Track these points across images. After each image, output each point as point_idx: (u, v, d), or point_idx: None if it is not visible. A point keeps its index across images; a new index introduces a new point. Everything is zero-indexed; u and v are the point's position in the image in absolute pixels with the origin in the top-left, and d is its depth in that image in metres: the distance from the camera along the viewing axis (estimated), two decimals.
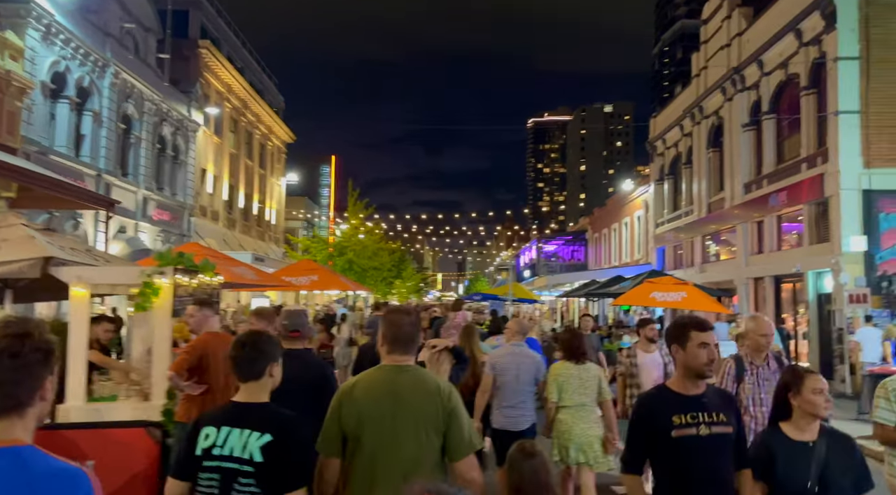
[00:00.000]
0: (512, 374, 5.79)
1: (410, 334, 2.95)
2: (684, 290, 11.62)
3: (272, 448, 2.54)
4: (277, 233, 41.24)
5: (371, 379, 2.89)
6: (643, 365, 6.75)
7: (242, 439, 2.57)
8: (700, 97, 24.27)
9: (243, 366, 2.75)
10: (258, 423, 2.60)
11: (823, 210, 16.71)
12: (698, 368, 2.98)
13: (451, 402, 2.82)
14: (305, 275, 11.22)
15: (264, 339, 2.87)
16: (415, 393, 2.80)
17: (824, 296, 16.57)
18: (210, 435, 2.62)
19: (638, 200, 33.11)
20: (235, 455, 2.56)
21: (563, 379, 5.63)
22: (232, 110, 32.83)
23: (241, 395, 2.75)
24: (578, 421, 5.53)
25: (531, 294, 27.28)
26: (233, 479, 2.54)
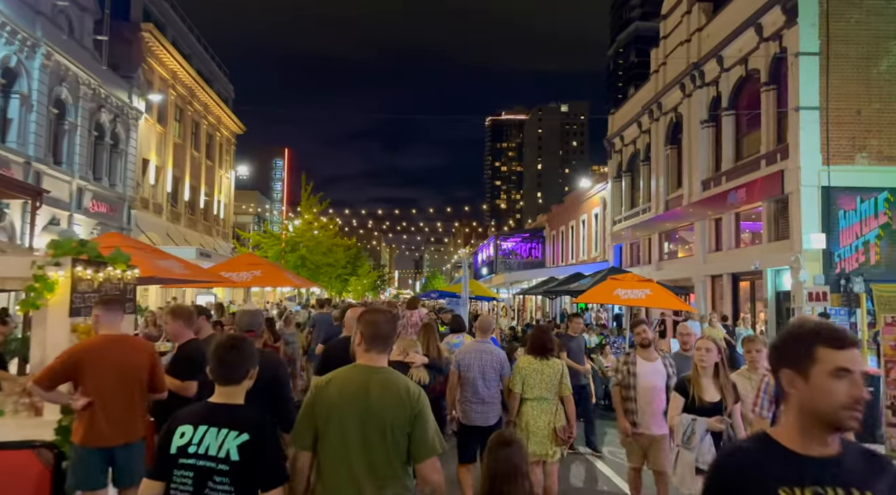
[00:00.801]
0: (477, 371, 5.95)
1: (387, 333, 3.01)
2: (648, 288, 11.15)
3: (249, 447, 2.59)
4: (226, 227, 39.72)
5: (345, 377, 2.95)
6: (642, 375, 5.83)
7: (219, 438, 2.61)
8: (659, 93, 24.09)
9: (227, 368, 2.78)
10: (236, 423, 2.64)
11: (783, 207, 16.58)
12: (832, 414, 1.77)
13: (419, 405, 2.87)
14: (247, 271, 10.28)
15: (248, 344, 2.90)
16: (384, 393, 2.85)
17: (783, 294, 16.45)
18: (186, 434, 2.64)
19: (595, 197, 32.94)
20: (211, 454, 2.59)
21: (526, 373, 5.80)
22: (177, 98, 31.30)
23: (218, 397, 2.78)
24: (541, 414, 5.72)
25: (489, 291, 26.73)
26: (207, 478, 2.57)
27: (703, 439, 4.49)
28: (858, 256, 15.26)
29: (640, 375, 5.81)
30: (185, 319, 5.06)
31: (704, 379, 4.84)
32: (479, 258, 57.07)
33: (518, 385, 5.80)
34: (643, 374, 5.81)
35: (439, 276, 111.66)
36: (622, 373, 5.96)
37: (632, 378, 5.86)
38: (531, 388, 5.76)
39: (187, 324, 5.06)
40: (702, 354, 4.85)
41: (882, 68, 15.38)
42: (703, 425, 4.55)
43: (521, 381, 5.80)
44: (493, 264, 47.61)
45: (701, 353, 4.87)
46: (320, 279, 38.31)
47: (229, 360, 2.80)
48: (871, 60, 15.38)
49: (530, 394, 5.76)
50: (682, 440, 4.60)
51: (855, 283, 14.98)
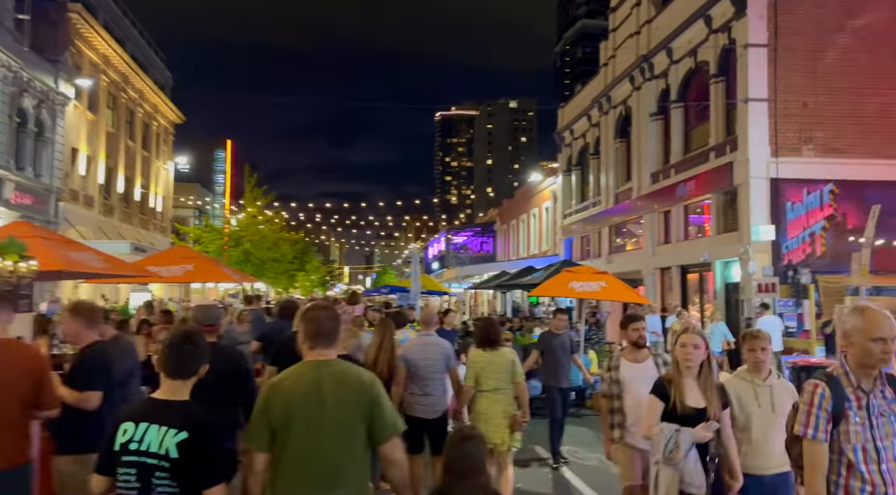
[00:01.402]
0: (423, 363, 5.96)
1: (330, 329, 3.03)
2: (603, 280, 10.85)
3: (188, 445, 2.60)
4: (164, 221, 38.00)
5: (296, 374, 2.97)
6: (629, 381, 4.91)
7: (160, 435, 2.61)
8: (608, 86, 24.02)
9: (178, 363, 2.77)
10: (176, 420, 2.64)
11: (731, 199, 16.62)
12: None
13: (374, 391, 2.95)
14: (178, 265, 9.42)
15: (201, 337, 2.89)
16: (339, 385, 2.90)
17: (732, 286, 16.50)
18: (128, 431, 2.66)
19: (546, 191, 32.85)
20: (152, 450, 2.60)
21: (479, 366, 5.82)
22: (110, 85, 29.61)
23: (163, 392, 2.77)
24: (495, 404, 5.73)
25: (441, 286, 26.25)
26: (150, 474, 2.60)
27: (688, 453, 3.70)
28: (805, 248, 15.40)
29: (627, 382, 4.92)
30: (87, 318, 4.34)
31: (688, 381, 3.94)
32: (430, 253, 56.59)
33: (472, 379, 5.82)
34: (630, 380, 4.91)
35: (390, 272, 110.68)
36: (606, 381, 5.07)
37: (616, 386, 4.93)
38: (486, 380, 5.79)
39: (89, 324, 4.33)
40: (688, 352, 3.94)
41: (828, 61, 15.54)
42: (689, 437, 3.73)
43: (474, 375, 5.82)
44: (444, 259, 47.19)
45: (686, 351, 3.95)
46: (266, 275, 37.08)
47: (184, 355, 2.77)
48: (818, 53, 15.52)
49: (486, 386, 5.78)
50: (663, 454, 3.74)
51: (802, 275, 15.11)
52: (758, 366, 4.12)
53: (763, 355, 4.09)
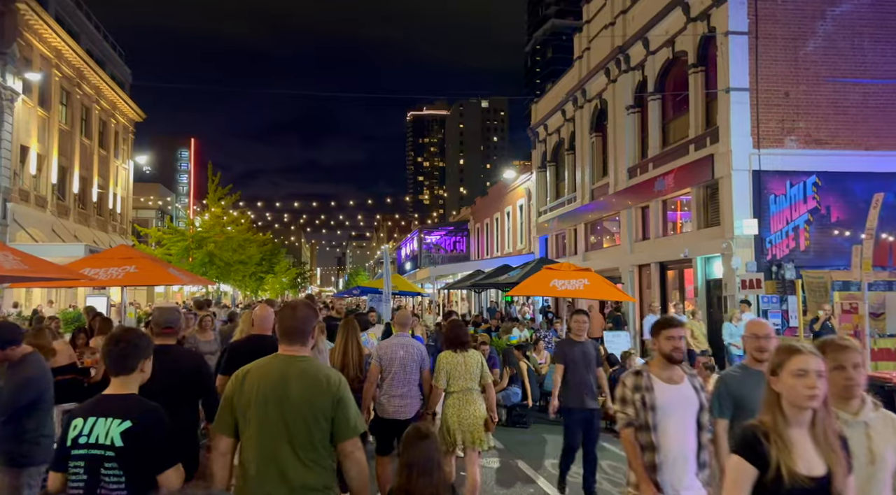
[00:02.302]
0: (398, 364, 5.95)
1: (296, 327, 3.08)
2: (586, 277, 10.16)
3: (132, 433, 2.69)
4: (124, 223, 36.51)
5: (265, 366, 3.03)
6: (666, 408, 3.61)
7: (106, 426, 2.71)
8: (583, 80, 23.45)
9: (116, 360, 2.88)
10: (120, 411, 2.75)
11: (712, 193, 16.11)
12: None
13: (339, 391, 2.99)
14: (119, 266, 8.45)
15: (137, 336, 3.01)
16: (304, 381, 2.95)
17: (713, 282, 15.99)
18: (77, 426, 2.74)
19: (520, 189, 32.23)
20: (99, 442, 2.69)
21: (450, 367, 5.84)
22: (63, 80, 28.16)
23: (112, 388, 2.88)
24: (466, 405, 5.78)
25: (413, 286, 25.42)
26: (98, 465, 2.68)
27: None
28: (789, 242, 14.94)
29: (663, 409, 3.60)
30: None
31: (795, 431, 2.41)
32: (403, 253, 55.69)
33: (442, 380, 5.85)
34: (668, 407, 3.61)
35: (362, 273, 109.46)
36: (633, 406, 3.67)
37: (650, 414, 3.61)
38: (455, 381, 5.84)
39: None
40: (811, 385, 2.37)
41: (808, 49, 15.11)
42: None
43: (445, 376, 5.85)
44: (417, 259, 46.35)
45: (809, 383, 2.38)
46: (232, 277, 35.83)
47: (116, 352, 2.88)
48: (799, 41, 15.08)
49: (455, 387, 5.83)
50: None
51: (786, 270, 14.64)
52: (848, 391, 2.68)
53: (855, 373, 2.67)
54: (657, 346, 3.77)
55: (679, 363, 3.73)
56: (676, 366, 3.73)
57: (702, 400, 3.71)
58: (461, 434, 5.73)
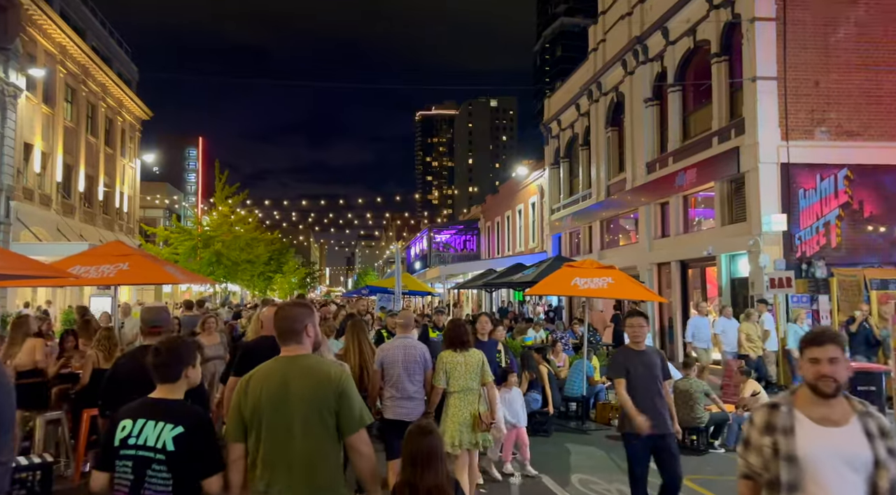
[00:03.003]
0: (401, 366, 5.88)
1: (287, 327, 3.13)
2: (610, 275, 9.50)
3: (184, 439, 2.79)
4: (131, 222, 36.11)
5: (266, 370, 3.08)
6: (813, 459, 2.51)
7: (156, 430, 2.80)
8: (598, 72, 22.74)
9: (161, 370, 3.00)
10: (172, 416, 2.85)
11: (737, 187, 15.39)
12: None
13: (342, 385, 3.01)
14: (111, 264, 7.90)
15: (181, 345, 3.12)
16: (306, 379, 3.00)
17: (739, 281, 15.27)
18: (126, 427, 2.84)
19: (532, 186, 31.55)
20: (149, 444, 2.79)
21: (450, 367, 5.81)
22: (68, 76, 27.74)
23: (159, 393, 2.98)
24: (467, 405, 5.74)
25: (424, 285, 24.83)
26: (146, 466, 2.77)
27: None
28: (819, 238, 14.20)
29: (808, 462, 2.51)
30: None
31: None
32: (413, 252, 55.11)
33: (441, 380, 5.80)
34: (816, 459, 2.51)
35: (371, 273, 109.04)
36: (760, 453, 2.63)
37: (785, 467, 2.53)
38: (456, 381, 5.79)
39: None
40: None
41: (840, 36, 14.36)
42: None
43: (444, 376, 5.81)
44: (426, 258, 45.76)
45: None
46: (239, 277, 35.36)
47: (158, 363, 3.00)
48: (829, 27, 14.34)
49: (456, 387, 5.78)
50: None
51: (817, 268, 13.92)
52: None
53: None
54: (801, 370, 2.68)
55: (832, 396, 2.57)
56: (836, 400, 2.59)
57: (879, 453, 2.50)
58: (461, 435, 5.69)
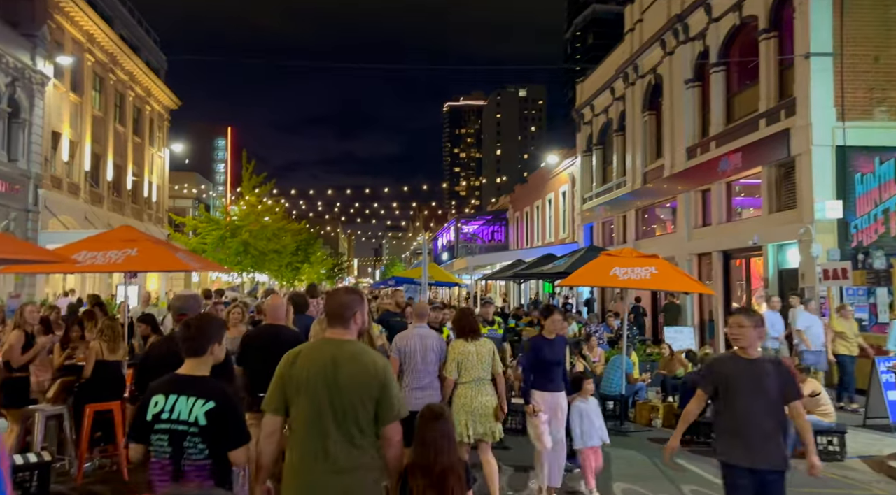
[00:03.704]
0: (419, 356, 5.89)
1: (335, 312, 3.23)
2: (653, 265, 8.74)
3: (215, 413, 2.97)
4: (160, 211, 36.13)
5: (314, 349, 3.21)
6: None
7: (188, 405, 2.98)
8: (635, 54, 21.77)
9: (189, 343, 3.17)
10: (203, 392, 3.02)
11: (787, 172, 14.43)
12: None
13: (386, 375, 3.12)
14: (118, 250, 7.43)
15: (207, 322, 3.30)
16: (353, 364, 3.07)
17: (787, 273, 14.33)
18: (159, 403, 3.01)
19: (563, 174, 30.65)
20: (181, 418, 2.97)
21: (462, 357, 5.75)
22: (96, 65, 27.65)
23: (186, 369, 3.15)
24: (478, 395, 5.68)
25: (451, 276, 24.21)
26: (182, 439, 2.96)
27: None
28: (877, 227, 13.20)
29: None
30: None
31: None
32: (440, 243, 54.55)
33: (453, 370, 5.75)
34: None
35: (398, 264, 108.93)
36: None
37: None
38: (468, 371, 5.74)
39: None
40: None
41: None
42: None
43: (455, 366, 5.75)
44: (454, 249, 45.14)
45: None
46: (267, 267, 35.20)
47: (187, 336, 3.17)
48: None
49: (467, 377, 5.72)
50: None
51: (875, 258, 12.94)
52: None
53: None
54: None
55: None
56: None
57: None
58: (472, 425, 5.62)
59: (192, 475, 2.95)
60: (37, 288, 22.44)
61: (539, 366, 6.08)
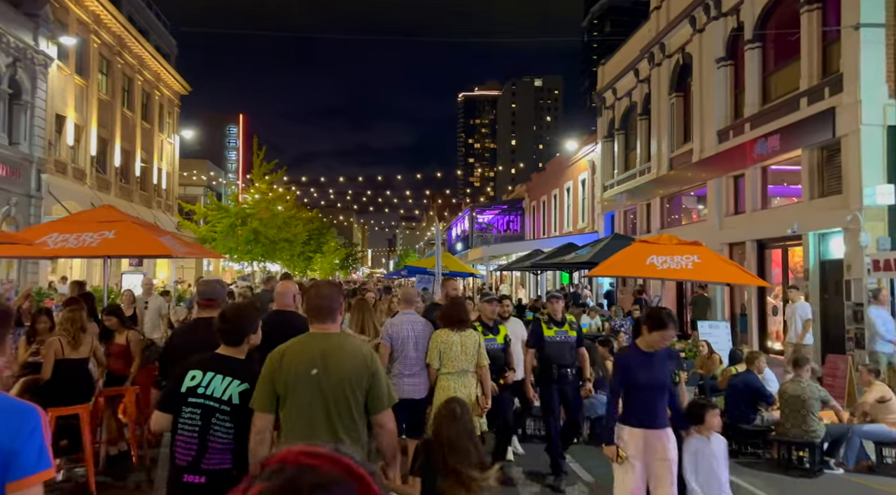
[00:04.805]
0: (411, 343, 5.84)
1: (325, 305, 3.23)
2: (696, 253, 7.77)
3: (248, 394, 3.08)
4: (170, 199, 35.51)
5: (300, 344, 3.21)
6: None
7: (223, 384, 3.09)
8: (661, 33, 20.61)
9: (226, 335, 3.25)
10: (239, 373, 3.15)
11: (830, 155, 13.33)
12: None
13: (374, 365, 3.19)
14: (94, 232, 6.61)
15: (244, 315, 3.32)
16: (341, 356, 3.12)
17: (830, 264, 13.26)
18: (196, 377, 3.12)
19: (583, 161, 29.55)
20: (216, 395, 3.07)
21: (444, 347, 5.60)
22: (102, 47, 26.94)
23: (224, 350, 3.25)
24: (461, 388, 5.52)
25: (466, 266, 23.31)
26: (211, 415, 3.05)
27: None
28: None
29: None
30: None
31: None
32: (454, 233, 53.61)
33: (435, 360, 5.61)
34: None
35: (412, 254, 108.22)
36: None
37: None
38: (451, 362, 5.59)
39: None
40: None
41: None
42: None
43: (438, 355, 5.61)
44: (468, 239, 44.19)
45: None
46: (277, 256, 34.50)
47: (226, 329, 3.23)
48: None
49: (451, 368, 5.58)
50: None
51: None
52: None
53: None
54: None
55: None
56: None
57: None
58: None
59: (216, 453, 3.02)
60: (40, 275, 21.85)
61: (632, 392, 4.44)
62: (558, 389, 6.51)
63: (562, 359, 6.52)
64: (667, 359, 4.60)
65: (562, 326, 6.70)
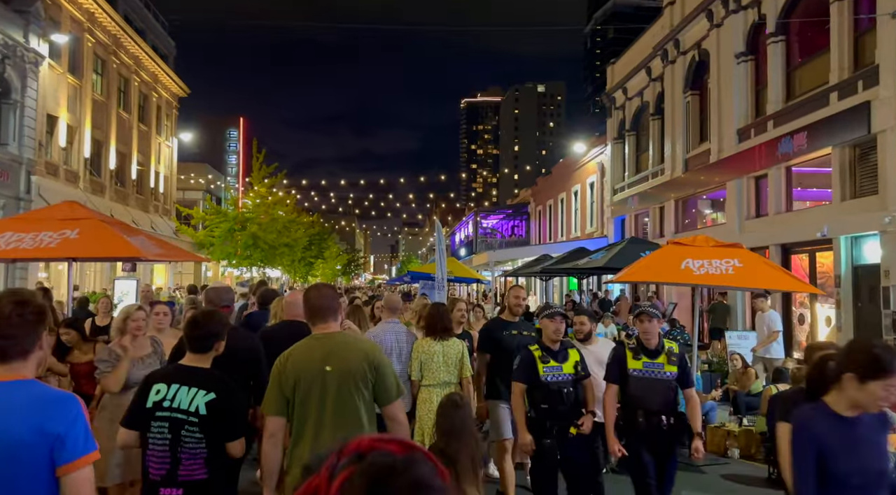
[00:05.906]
0: (395, 353, 5.57)
1: (329, 305, 3.27)
2: (736, 257, 6.90)
3: (215, 404, 3.06)
4: (168, 203, 34.71)
5: (305, 346, 3.24)
6: None
7: (190, 395, 3.06)
8: (675, 29, 19.79)
9: (195, 342, 3.25)
10: (204, 383, 3.12)
11: (863, 153, 12.47)
12: None
13: (377, 358, 3.21)
14: (54, 231, 5.75)
15: (214, 322, 3.32)
16: (344, 353, 3.15)
17: (863, 269, 12.37)
18: (161, 391, 3.10)
19: (591, 164, 28.70)
20: (182, 407, 3.04)
21: (426, 357, 5.37)
22: (97, 46, 26.19)
23: (188, 360, 3.26)
24: None
25: (472, 272, 22.44)
26: (180, 427, 3.04)
27: None
28: None
29: None
30: None
31: None
32: (457, 238, 52.77)
33: (416, 371, 5.36)
34: None
35: (414, 260, 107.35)
36: None
37: None
38: (432, 373, 5.32)
39: None
40: None
41: None
42: None
43: (419, 366, 5.36)
44: (472, 244, 43.36)
45: None
46: (277, 261, 33.66)
47: (195, 336, 3.24)
48: None
49: (433, 380, 5.31)
50: None
51: None
52: None
53: None
54: None
55: None
56: None
57: None
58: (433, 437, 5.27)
59: (188, 463, 3.03)
60: (29, 280, 21.01)
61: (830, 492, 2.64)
62: (648, 445, 4.70)
63: (650, 402, 4.71)
64: (880, 427, 2.74)
65: (655, 357, 4.81)
